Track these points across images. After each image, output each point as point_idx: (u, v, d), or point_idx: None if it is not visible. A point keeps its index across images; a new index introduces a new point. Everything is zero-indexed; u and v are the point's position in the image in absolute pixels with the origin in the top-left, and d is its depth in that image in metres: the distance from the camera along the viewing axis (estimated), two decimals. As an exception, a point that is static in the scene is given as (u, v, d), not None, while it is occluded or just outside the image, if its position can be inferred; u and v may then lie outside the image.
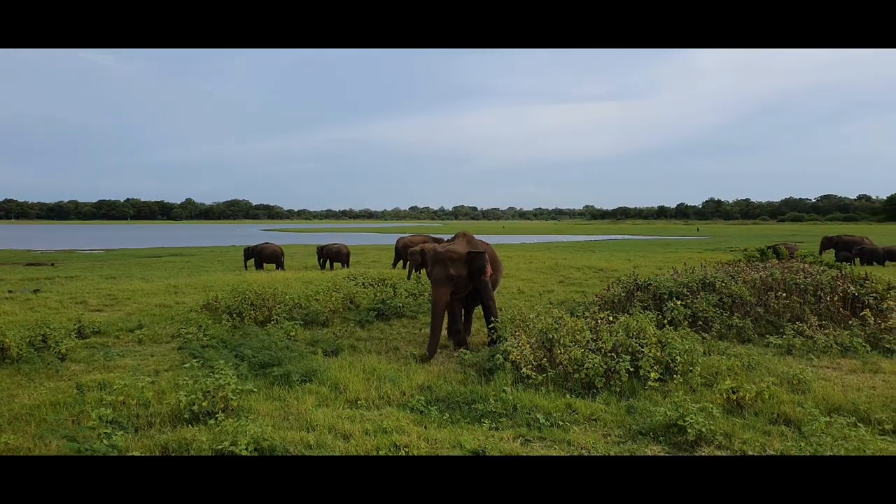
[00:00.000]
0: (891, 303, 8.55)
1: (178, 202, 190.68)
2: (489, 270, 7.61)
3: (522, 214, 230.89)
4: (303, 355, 6.95)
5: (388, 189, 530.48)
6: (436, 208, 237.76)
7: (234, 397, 5.17)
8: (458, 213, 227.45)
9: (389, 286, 11.06)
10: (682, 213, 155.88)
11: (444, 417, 5.17)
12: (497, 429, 4.94)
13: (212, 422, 4.77)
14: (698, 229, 79.88)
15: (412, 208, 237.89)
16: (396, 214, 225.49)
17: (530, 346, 6.42)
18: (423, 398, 5.55)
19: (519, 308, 7.93)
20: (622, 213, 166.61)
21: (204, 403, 5.02)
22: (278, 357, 6.73)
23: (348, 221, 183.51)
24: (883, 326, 7.91)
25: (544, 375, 6.03)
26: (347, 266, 20.09)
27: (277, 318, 8.90)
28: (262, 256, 19.95)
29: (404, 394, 5.77)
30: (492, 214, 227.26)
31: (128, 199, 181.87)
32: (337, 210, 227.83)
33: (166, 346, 7.96)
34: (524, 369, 6.06)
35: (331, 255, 20.52)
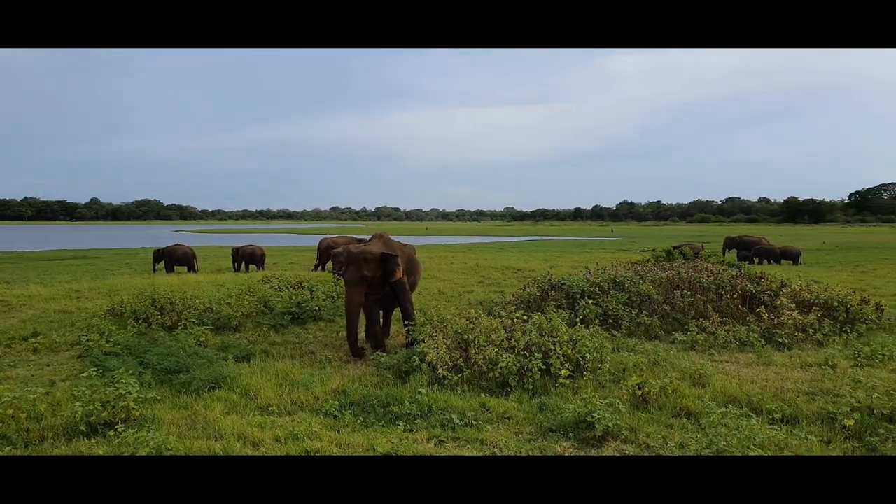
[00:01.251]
0: (783, 299, 9.13)
1: (83, 202, 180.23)
2: (401, 272, 7.57)
3: (445, 215, 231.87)
4: (212, 361, 6.71)
5: (308, 189, 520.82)
6: (358, 209, 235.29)
7: (136, 407, 4.94)
8: (381, 213, 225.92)
9: (306, 289, 10.85)
10: (598, 214, 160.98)
11: (359, 421, 5.12)
12: (411, 431, 4.94)
13: (111, 433, 4.53)
14: (612, 230, 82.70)
15: (333, 209, 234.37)
16: (317, 215, 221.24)
17: (447, 347, 6.46)
18: (337, 403, 5.47)
19: (437, 309, 7.96)
20: (541, 215, 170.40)
21: (103, 414, 4.77)
22: (186, 364, 6.48)
23: (266, 222, 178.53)
24: (776, 322, 8.42)
25: (460, 376, 6.08)
26: (262, 268, 19.59)
27: (187, 323, 8.57)
28: (172, 259, 19.17)
29: (318, 399, 5.67)
30: (415, 215, 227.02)
31: (25, 198, 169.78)
32: (254, 210, 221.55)
33: (65, 355, 7.51)
34: (440, 370, 6.08)
35: (245, 257, 19.95)
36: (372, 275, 7.36)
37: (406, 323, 7.72)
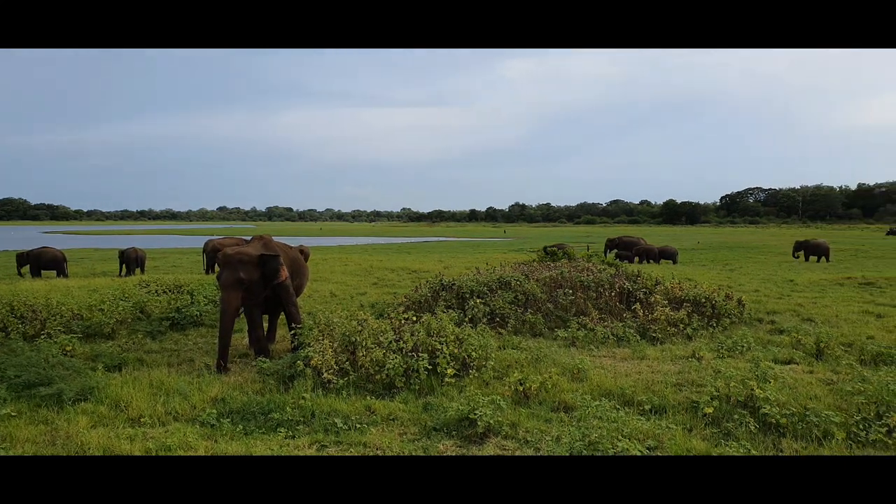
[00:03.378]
0: (657, 297, 9.70)
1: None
2: (284, 274, 7.36)
3: (340, 216, 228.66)
4: (80, 372, 6.24)
5: (193, 188, 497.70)
6: (247, 209, 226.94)
7: (-16, 425, 4.51)
8: (273, 214, 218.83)
9: (187, 293, 10.34)
10: (491, 216, 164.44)
11: (238, 429, 4.94)
12: (293, 437, 4.83)
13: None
14: (505, 231, 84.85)
15: (221, 209, 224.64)
16: (203, 215, 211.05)
17: (333, 351, 6.37)
18: (215, 411, 5.26)
19: (324, 312, 7.82)
20: (437, 216, 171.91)
21: (-56, 436, 4.32)
22: (48, 375, 5.98)
23: (148, 223, 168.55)
24: (650, 318, 8.94)
25: (346, 379, 6.01)
26: (143, 272, 18.52)
27: (51, 331, 7.94)
28: (39, 262, 17.72)
29: (195, 407, 5.42)
30: (308, 216, 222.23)
31: None
32: (134, 210, 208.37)
33: None
34: (325, 374, 5.99)
35: (127, 260, 18.80)
36: (249, 277, 7.08)
37: (292, 327, 7.53)
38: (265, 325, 8.33)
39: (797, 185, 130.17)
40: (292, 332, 7.40)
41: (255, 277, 7.16)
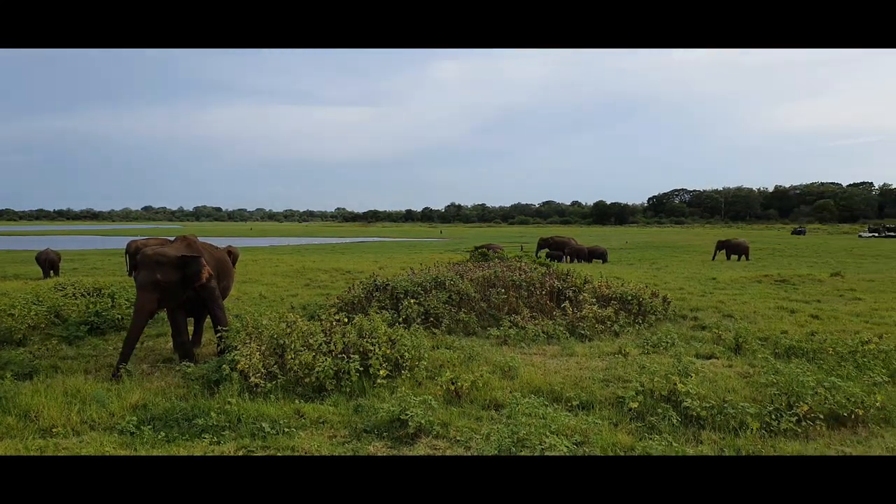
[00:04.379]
0: (586, 295, 9.93)
1: None
2: (205, 276, 7.11)
3: (272, 216, 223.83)
4: (-15, 381, 5.86)
5: (116, 187, 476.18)
6: (174, 208, 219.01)
7: None
8: (201, 213, 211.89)
9: (107, 296, 9.87)
10: (427, 216, 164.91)
11: (159, 437, 4.75)
12: (218, 443, 4.68)
13: None
14: (441, 231, 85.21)
15: (146, 208, 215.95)
16: (127, 215, 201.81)
17: (260, 354, 6.21)
18: (135, 418, 5.03)
19: (252, 314, 7.63)
20: (373, 216, 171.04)
21: None
22: (-52, 387, 5.59)
23: (66, 223, 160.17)
24: (579, 315, 9.13)
25: (274, 383, 5.88)
26: (57, 274, 17.61)
27: (-47, 339, 7.43)
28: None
29: (113, 415, 5.17)
30: (238, 215, 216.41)
31: None
32: (51, 210, 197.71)
33: None
34: (252, 378, 5.83)
35: (42, 263, 17.82)
36: (166, 279, 6.80)
37: (218, 330, 7.29)
38: (190, 328, 8.07)
39: (720, 186, 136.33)
40: (218, 335, 7.18)
41: (174, 279, 6.88)
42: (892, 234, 58.49)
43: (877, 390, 5.47)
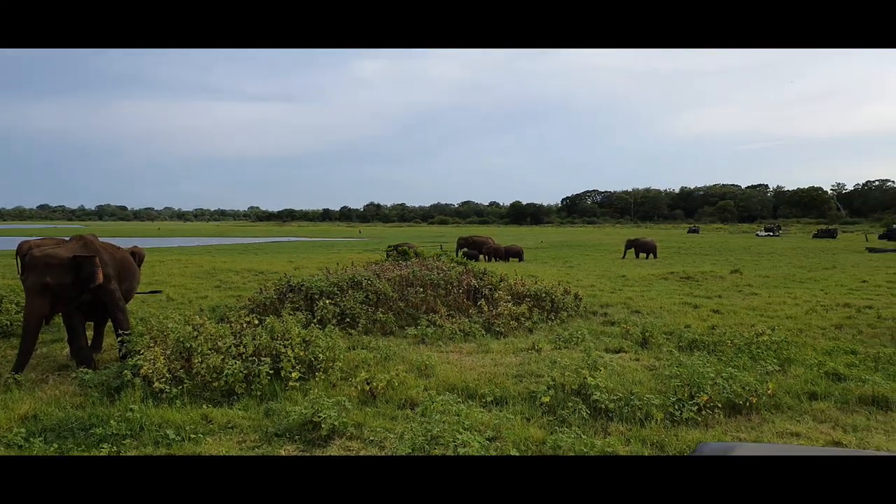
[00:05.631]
0: (501, 293, 10.08)
1: None
2: (101, 276, 6.71)
3: (181, 215, 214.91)
4: None
5: (5, 184, 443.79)
6: (74, 207, 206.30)
7: None
8: (104, 212, 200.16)
9: (-7, 300, 9.18)
10: (346, 215, 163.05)
11: (52, 449, 4.46)
12: (118, 452, 4.43)
13: None
14: (360, 231, 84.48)
15: (42, 207, 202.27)
16: (20, 214, 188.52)
17: (165, 358, 5.93)
18: (24, 430, 4.69)
19: (157, 317, 7.29)
20: (288, 215, 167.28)
21: None
22: None
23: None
24: (495, 313, 9.26)
25: (180, 388, 5.63)
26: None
27: None
28: None
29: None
30: (145, 214, 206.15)
31: None
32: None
33: None
34: (157, 383, 5.56)
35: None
36: (58, 282, 6.38)
37: (119, 334, 6.90)
38: (90, 332, 7.62)
39: (629, 188, 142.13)
40: (120, 339, 6.80)
41: (67, 282, 6.45)
42: (772, 233, 62.74)
43: (769, 379, 5.84)
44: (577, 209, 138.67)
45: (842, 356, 7.15)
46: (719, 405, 5.18)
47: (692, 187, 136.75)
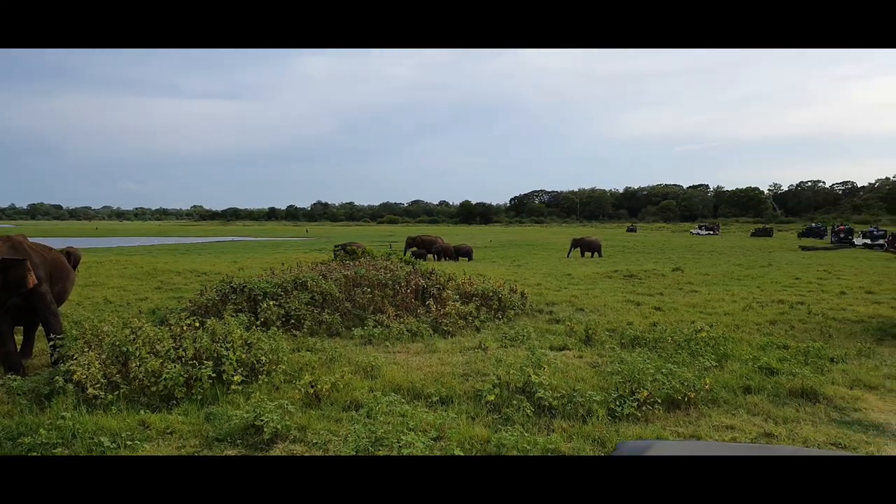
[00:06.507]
0: (449, 292, 10.11)
1: None
2: (32, 280, 6.42)
3: (121, 214, 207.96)
4: None
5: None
6: (5, 206, 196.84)
7: None
8: (37, 211, 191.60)
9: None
10: (293, 214, 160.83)
11: (-25, 461, 4.22)
12: (48, 463, 4.24)
13: None
14: (307, 231, 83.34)
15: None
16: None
17: (100, 363, 5.72)
18: (-56, 441, 4.45)
19: (93, 320, 7.02)
20: (233, 214, 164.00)
21: None
22: None
23: None
24: (443, 312, 9.28)
25: (116, 393, 5.44)
26: None
27: None
28: None
29: (-83, 440, 4.55)
30: (82, 214, 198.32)
31: None
32: None
33: None
34: (91, 389, 5.36)
35: None
36: None
37: (51, 338, 6.62)
38: (20, 337, 7.29)
39: (576, 188, 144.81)
40: (52, 344, 6.52)
41: None
42: (713, 232, 65.01)
43: (706, 374, 6.04)
44: (526, 209, 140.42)
45: (775, 351, 7.43)
46: (659, 400, 5.32)
47: (636, 187, 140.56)
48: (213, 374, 5.72)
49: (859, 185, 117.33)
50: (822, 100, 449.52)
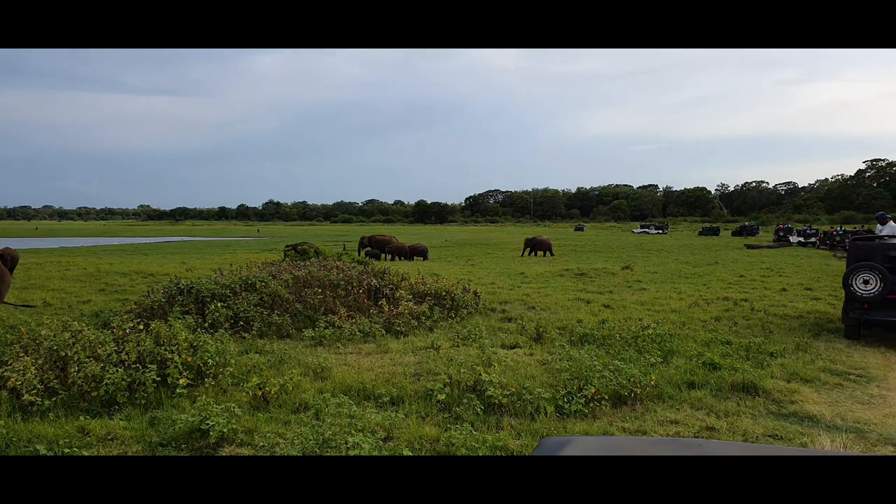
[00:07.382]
0: (402, 292, 10.09)
1: None
2: None
3: (63, 214, 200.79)
4: None
5: None
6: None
7: None
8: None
9: None
10: (243, 214, 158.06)
11: None
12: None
13: None
14: (259, 230, 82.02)
15: None
16: None
17: (37, 368, 5.52)
18: None
19: (30, 324, 6.77)
20: (181, 214, 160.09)
21: None
22: None
23: None
24: (395, 312, 9.25)
25: (54, 399, 5.25)
26: None
27: None
28: None
29: None
30: (21, 213, 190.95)
31: None
32: None
33: None
34: (26, 396, 5.16)
35: None
36: None
37: (-17, 343, 6.36)
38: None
39: (529, 188, 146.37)
40: (-17, 349, 6.26)
41: None
42: (661, 231, 66.72)
43: (652, 370, 6.18)
44: (480, 208, 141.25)
45: (718, 347, 7.65)
46: (606, 397, 5.42)
47: (588, 187, 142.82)
48: (158, 378, 5.58)
49: (800, 186, 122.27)
50: (765, 102, 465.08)
